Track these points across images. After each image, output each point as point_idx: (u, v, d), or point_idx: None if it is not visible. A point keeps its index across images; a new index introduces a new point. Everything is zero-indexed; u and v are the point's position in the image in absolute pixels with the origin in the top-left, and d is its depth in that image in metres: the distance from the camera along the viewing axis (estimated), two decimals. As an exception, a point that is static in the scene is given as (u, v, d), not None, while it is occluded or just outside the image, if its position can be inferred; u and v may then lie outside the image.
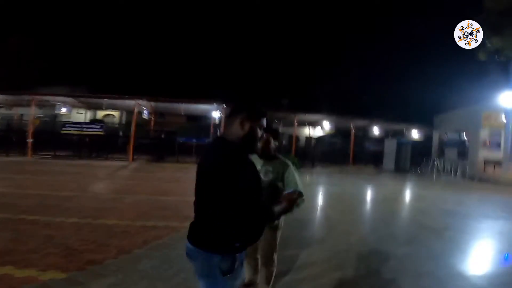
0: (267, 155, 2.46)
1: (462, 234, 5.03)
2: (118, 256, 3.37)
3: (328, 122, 19.53)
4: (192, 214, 1.49)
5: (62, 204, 5.52)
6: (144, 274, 3.02)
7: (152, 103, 17.66)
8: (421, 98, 25.66)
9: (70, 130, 13.58)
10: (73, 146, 14.47)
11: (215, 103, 16.34)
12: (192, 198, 1.49)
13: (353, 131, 19.99)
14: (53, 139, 14.44)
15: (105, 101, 15.52)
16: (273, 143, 2.49)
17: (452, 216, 6.25)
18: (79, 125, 13.81)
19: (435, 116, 21.22)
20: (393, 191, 9.59)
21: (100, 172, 10.18)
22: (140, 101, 15.33)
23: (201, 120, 24.65)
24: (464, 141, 17.73)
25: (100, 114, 27.12)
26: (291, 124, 18.73)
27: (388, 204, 7.29)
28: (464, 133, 17.75)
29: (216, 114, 17.22)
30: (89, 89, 22.24)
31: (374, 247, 4.13)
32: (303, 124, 22.68)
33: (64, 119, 17.87)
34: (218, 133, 16.00)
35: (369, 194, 8.89)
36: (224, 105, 16.17)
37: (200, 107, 17.99)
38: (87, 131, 13.73)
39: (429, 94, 24.83)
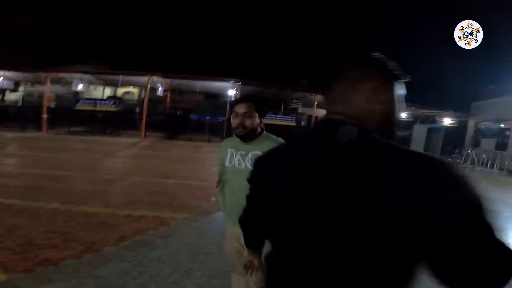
0: (246, 135, 1.74)
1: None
2: (82, 255, 2.81)
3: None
4: (192, 202, 0.73)
5: (51, 185, 5.11)
6: (103, 281, 2.44)
7: (168, 80, 17.17)
8: (457, 82, 23.45)
9: (84, 106, 13.37)
10: (88, 122, 14.35)
11: (232, 81, 15.56)
12: (196, 183, 0.78)
13: (378, 114, 18.52)
14: (69, 115, 14.37)
15: (120, 77, 15.11)
16: (256, 120, 1.75)
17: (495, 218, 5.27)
18: (93, 101, 13.58)
19: (472, 103, 19.25)
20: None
21: (107, 149, 9.86)
22: (155, 77, 14.81)
23: (219, 98, 24.08)
24: (504, 131, 15.89)
25: (120, 91, 27.17)
26: (310, 105, 17.60)
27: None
28: (504, 123, 15.89)
29: (232, 92, 16.46)
30: (110, 66, 22.08)
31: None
32: (323, 104, 21.39)
33: (85, 96, 17.90)
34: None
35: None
36: (240, 83, 15.33)
37: (216, 85, 17.28)
38: (101, 107, 13.48)
39: (467, 78, 22.57)
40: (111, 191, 5.11)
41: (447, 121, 20.28)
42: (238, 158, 1.76)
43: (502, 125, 15.93)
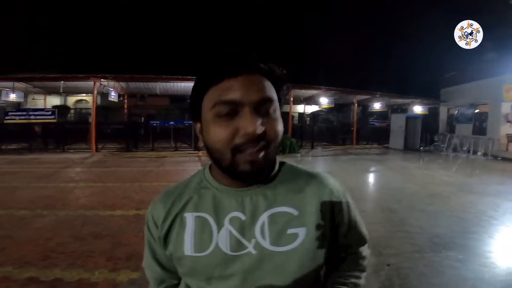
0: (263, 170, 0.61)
1: None
2: None
3: (326, 98, 17.25)
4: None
5: None
6: None
7: (122, 83, 15.04)
8: (425, 70, 23.63)
9: (14, 119, 10.95)
10: (25, 138, 11.91)
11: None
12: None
13: (355, 106, 17.79)
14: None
15: (62, 83, 12.75)
16: (277, 126, 0.61)
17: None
18: (24, 113, 11.14)
19: (441, 90, 19.30)
20: (428, 181, 7.52)
21: (43, 170, 7.78)
22: (104, 81, 12.66)
23: (185, 101, 22.22)
24: (480, 116, 15.72)
25: (71, 100, 24.42)
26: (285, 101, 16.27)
27: (434, 203, 5.22)
28: (479, 107, 15.77)
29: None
30: (56, 72, 19.20)
31: None
32: (298, 100, 20.42)
33: (26, 107, 15.27)
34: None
35: (400, 188, 6.78)
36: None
37: (180, 85, 15.44)
38: (36, 119, 11.12)
39: (432, 66, 22.80)
40: (17, 237, 3.33)
41: (418, 109, 20.16)
42: (229, 232, 0.62)
43: (477, 110, 15.76)
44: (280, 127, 0.59)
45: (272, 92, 0.59)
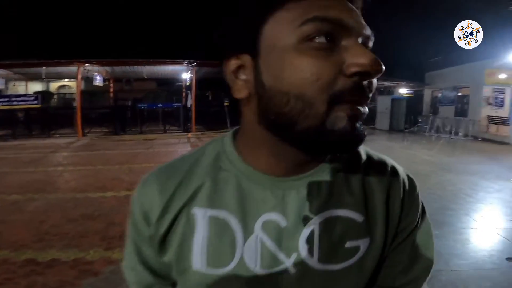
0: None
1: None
2: None
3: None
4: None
5: None
6: None
7: (107, 68, 14.65)
8: (409, 54, 24.13)
9: (-5, 106, 10.64)
10: (7, 124, 11.62)
11: (185, 63, 13.57)
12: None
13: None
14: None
15: (44, 69, 12.32)
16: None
17: None
18: (7, 99, 10.82)
19: (426, 73, 19.88)
20: (410, 160, 7.81)
21: (28, 155, 7.68)
22: (87, 66, 12.30)
23: (173, 84, 21.94)
24: (462, 98, 16.27)
25: (54, 85, 23.69)
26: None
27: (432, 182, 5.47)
28: (462, 90, 16.31)
29: (187, 75, 14.53)
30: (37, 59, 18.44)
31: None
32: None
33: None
34: (190, 97, 13.50)
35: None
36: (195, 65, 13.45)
37: (167, 69, 15.17)
38: (18, 105, 10.82)
39: (417, 51, 23.27)
40: (10, 221, 3.38)
41: (403, 91, 20.66)
42: (260, 242, 0.41)
43: (459, 93, 16.32)
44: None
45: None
